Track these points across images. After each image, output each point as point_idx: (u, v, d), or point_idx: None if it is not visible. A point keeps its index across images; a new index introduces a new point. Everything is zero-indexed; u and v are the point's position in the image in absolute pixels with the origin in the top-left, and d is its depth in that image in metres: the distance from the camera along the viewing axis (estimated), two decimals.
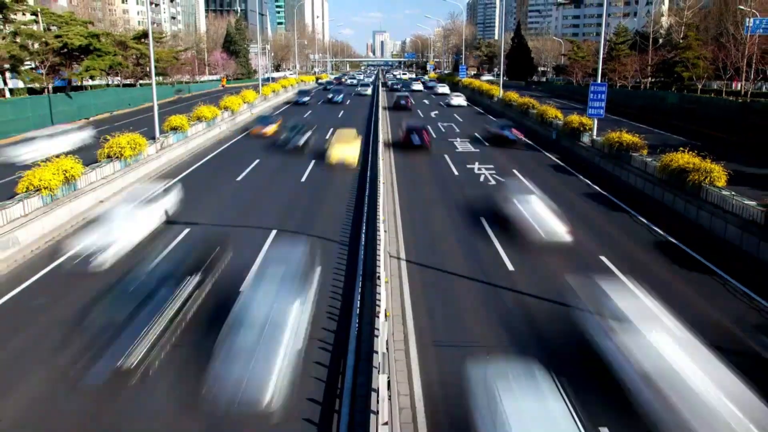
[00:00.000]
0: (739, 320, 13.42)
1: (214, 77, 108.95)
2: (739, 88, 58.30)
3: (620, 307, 11.54)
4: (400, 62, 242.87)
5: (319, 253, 16.49)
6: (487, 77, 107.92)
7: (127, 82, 72.02)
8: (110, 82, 71.33)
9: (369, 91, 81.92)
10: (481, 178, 27.98)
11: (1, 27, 49.69)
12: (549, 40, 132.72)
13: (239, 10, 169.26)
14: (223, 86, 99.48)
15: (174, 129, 34.15)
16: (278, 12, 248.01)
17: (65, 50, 53.79)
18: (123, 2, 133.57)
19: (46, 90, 52.12)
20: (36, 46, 51.16)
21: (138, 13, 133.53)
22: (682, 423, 8.75)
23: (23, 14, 53.00)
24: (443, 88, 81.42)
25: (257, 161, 31.70)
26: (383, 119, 48.34)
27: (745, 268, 16.52)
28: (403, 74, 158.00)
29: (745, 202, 18.54)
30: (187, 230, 19.53)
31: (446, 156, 33.45)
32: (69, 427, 9.62)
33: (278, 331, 10.73)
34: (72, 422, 9.72)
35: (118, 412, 9.98)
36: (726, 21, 59.51)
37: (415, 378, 11.00)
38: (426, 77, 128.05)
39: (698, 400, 8.94)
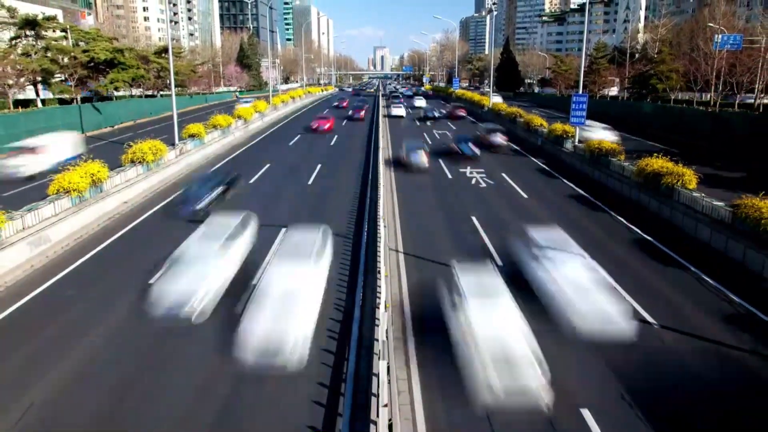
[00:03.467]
0: (703, 304, 13.47)
1: (230, 88, 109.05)
2: (709, 98, 58.30)
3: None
4: (398, 75, 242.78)
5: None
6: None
7: (149, 93, 71.92)
8: (133, 93, 71.26)
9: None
10: (473, 181, 27.97)
11: (34, 43, 49.67)
12: (535, 54, 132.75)
13: (251, 28, 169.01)
14: (236, 97, 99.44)
15: (192, 136, 34.13)
16: (287, 29, 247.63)
17: (92, 64, 53.79)
18: (145, 20, 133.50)
19: (74, 101, 52.09)
20: (65, 60, 51.13)
21: (159, 29, 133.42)
22: None
23: (53, 31, 52.98)
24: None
25: (268, 165, 31.69)
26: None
27: (714, 263, 16.54)
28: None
29: (714, 203, 18.56)
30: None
31: (440, 160, 33.42)
32: None
33: None
34: None
35: None
36: (697, 37, 59.57)
37: (412, 363, 11.02)
38: (423, 88, 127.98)
39: None
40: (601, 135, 34.40)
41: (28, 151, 27.40)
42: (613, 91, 79.33)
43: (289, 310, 10.98)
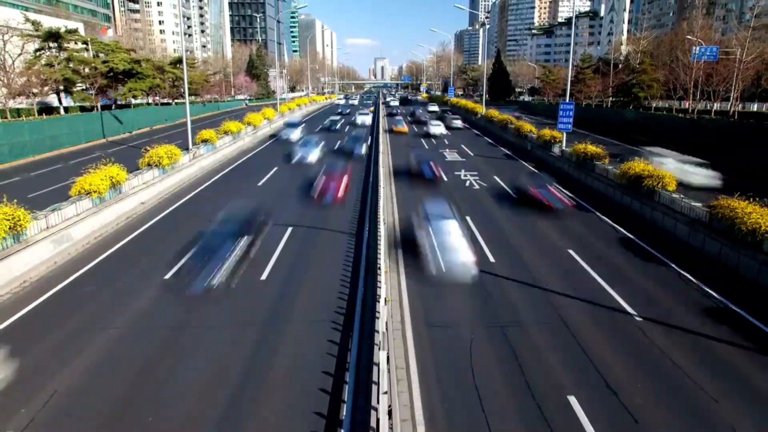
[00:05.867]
0: (675, 291, 13.48)
1: (239, 97, 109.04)
2: (687, 106, 58.30)
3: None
4: (397, 84, 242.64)
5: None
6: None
7: (164, 101, 71.95)
8: (150, 101, 71.26)
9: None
10: (467, 183, 27.97)
11: (57, 54, 49.65)
12: (525, 65, 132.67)
13: (260, 40, 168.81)
14: (246, 105, 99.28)
15: (204, 141, 34.10)
16: (293, 41, 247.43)
17: (111, 74, 53.80)
18: (161, 33, 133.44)
19: (95, 108, 52.12)
20: (86, 70, 51.14)
21: (173, 41, 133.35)
22: None
23: (75, 43, 52.93)
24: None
25: (276, 168, 31.68)
26: None
27: (692, 260, 16.54)
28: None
29: (693, 203, 18.55)
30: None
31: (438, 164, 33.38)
32: None
33: None
34: None
35: None
36: (676, 49, 59.63)
37: (410, 353, 11.02)
38: (419, 97, 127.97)
39: None
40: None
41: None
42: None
43: None
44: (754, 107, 61.89)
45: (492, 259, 16.44)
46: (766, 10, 72.69)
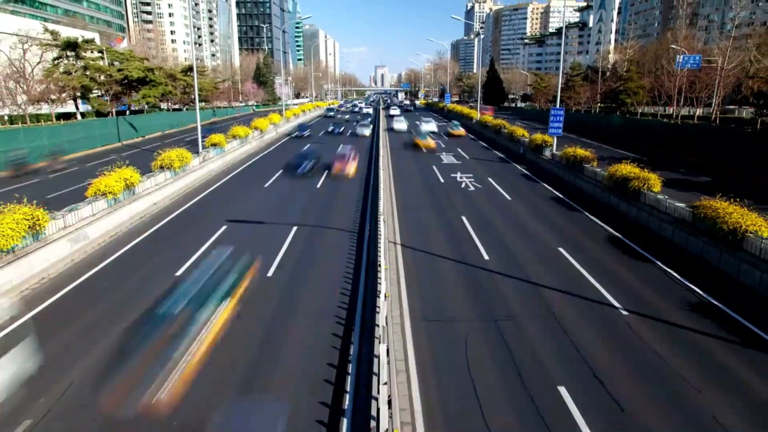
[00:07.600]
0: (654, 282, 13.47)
1: (248, 103, 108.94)
2: (672, 111, 58.27)
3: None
4: (396, 91, 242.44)
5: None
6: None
7: (176, 107, 71.89)
8: (162, 107, 71.19)
9: None
10: (462, 185, 27.96)
11: (74, 63, 49.63)
12: (517, 73, 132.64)
13: (267, 49, 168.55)
14: (253, 111, 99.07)
15: (214, 145, 34.07)
16: (298, 50, 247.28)
17: (126, 81, 53.73)
18: (172, 42, 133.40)
19: (110, 114, 52.10)
20: (102, 77, 51.11)
21: (184, 50, 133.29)
22: None
23: (92, 52, 52.90)
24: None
25: (281, 171, 31.65)
26: None
27: (676, 258, 16.53)
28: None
29: (677, 204, 18.53)
30: (224, 227, 19.53)
31: (434, 167, 33.43)
32: None
33: None
34: None
35: None
36: (661, 57, 59.60)
37: (408, 346, 11.02)
38: (417, 102, 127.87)
39: None
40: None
41: None
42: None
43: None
44: (735, 113, 61.82)
45: (486, 257, 16.44)
46: (746, 21, 72.77)
